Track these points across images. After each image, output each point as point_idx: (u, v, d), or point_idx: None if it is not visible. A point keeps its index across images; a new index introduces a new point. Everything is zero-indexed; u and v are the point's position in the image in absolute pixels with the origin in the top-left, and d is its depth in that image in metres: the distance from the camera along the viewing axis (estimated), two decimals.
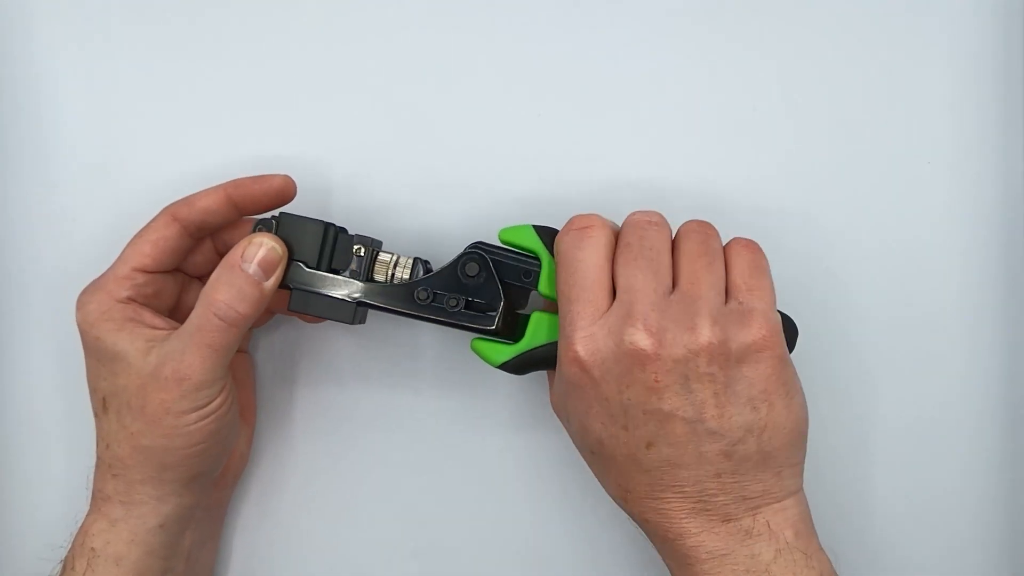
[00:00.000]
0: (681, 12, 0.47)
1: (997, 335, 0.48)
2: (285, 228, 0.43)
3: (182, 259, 0.44)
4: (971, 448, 0.48)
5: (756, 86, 0.47)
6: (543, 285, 0.42)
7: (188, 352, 0.40)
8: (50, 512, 0.48)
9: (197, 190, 0.43)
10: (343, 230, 0.44)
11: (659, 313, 0.38)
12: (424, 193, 0.48)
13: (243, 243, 0.41)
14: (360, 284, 0.43)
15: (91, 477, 0.43)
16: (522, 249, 0.43)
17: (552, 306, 0.42)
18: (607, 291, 0.39)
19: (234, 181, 0.43)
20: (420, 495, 0.49)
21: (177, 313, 0.45)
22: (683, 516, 0.38)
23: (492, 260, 0.42)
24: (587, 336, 0.38)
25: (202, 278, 0.45)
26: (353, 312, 0.43)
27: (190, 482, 0.42)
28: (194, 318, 0.40)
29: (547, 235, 0.42)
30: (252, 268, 0.41)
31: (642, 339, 0.37)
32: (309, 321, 0.48)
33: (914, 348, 0.47)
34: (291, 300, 0.43)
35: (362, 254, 0.43)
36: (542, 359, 0.42)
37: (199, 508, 0.44)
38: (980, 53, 0.46)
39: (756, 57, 0.47)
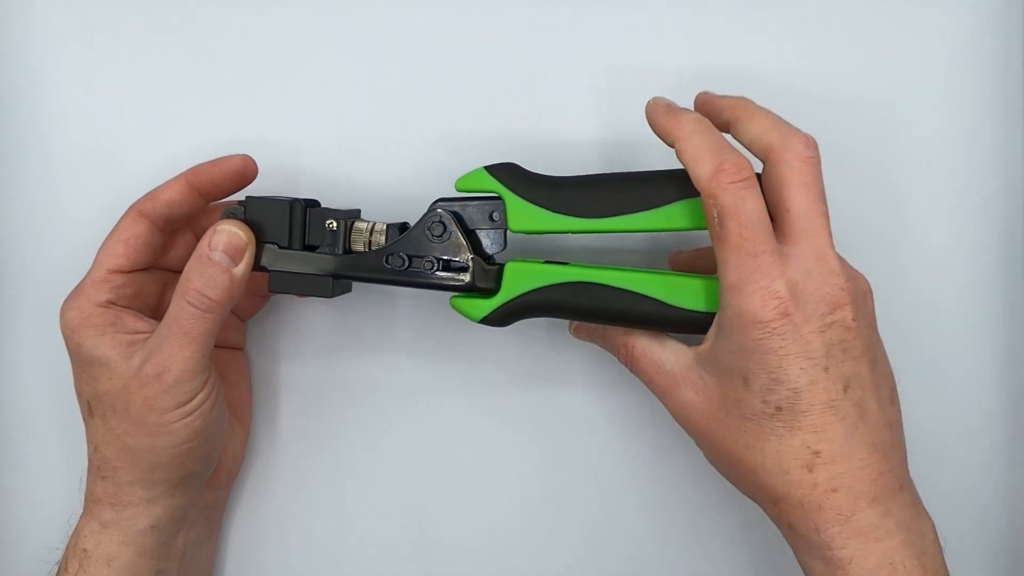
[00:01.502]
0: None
1: (997, 333, 0.47)
2: (253, 211, 0.43)
3: (157, 254, 0.44)
4: (971, 446, 0.47)
5: (754, 82, 0.47)
6: (513, 222, 0.42)
7: (166, 343, 0.40)
8: (47, 514, 0.48)
9: None
10: (314, 204, 0.44)
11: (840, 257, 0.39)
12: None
13: (209, 232, 0.41)
14: (335, 257, 0.43)
15: (84, 479, 0.42)
16: (481, 192, 0.42)
17: (527, 253, 0.42)
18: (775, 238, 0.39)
19: (193, 168, 0.43)
20: (418, 492, 0.48)
21: (160, 311, 0.44)
22: (872, 478, 0.37)
23: (455, 212, 0.42)
24: (786, 282, 0.37)
25: None
26: (331, 286, 0.42)
27: (180, 483, 0.41)
28: (170, 310, 0.40)
29: (502, 172, 0.42)
30: (218, 256, 0.41)
31: (840, 281, 0.37)
32: (297, 296, 0.47)
33: (914, 347, 0.46)
34: (270, 282, 0.43)
35: (335, 228, 0.43)
36: (524, 308, 0.41)
37: (192, 509, 0.43)
38: (980, 52, 0.46)
39: (754, 52, 0.47)
